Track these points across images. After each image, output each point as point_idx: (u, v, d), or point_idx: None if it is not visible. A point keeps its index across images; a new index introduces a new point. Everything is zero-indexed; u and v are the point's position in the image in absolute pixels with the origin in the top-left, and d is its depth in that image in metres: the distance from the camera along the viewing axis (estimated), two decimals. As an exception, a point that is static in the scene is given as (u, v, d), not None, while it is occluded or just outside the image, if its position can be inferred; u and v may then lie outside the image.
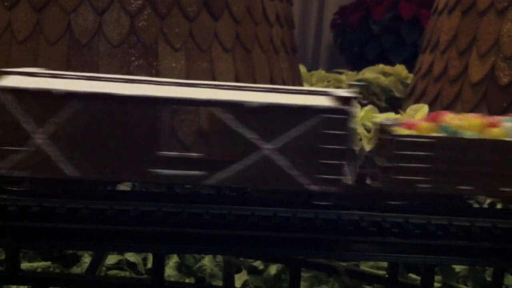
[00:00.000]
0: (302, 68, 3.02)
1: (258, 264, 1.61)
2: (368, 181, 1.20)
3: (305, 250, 1.18)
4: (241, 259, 1.61)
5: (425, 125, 1.18)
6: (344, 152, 1.13)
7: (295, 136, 1.12)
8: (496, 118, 1.22)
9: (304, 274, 1.55)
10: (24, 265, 1.52)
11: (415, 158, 1.15)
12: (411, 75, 2.97)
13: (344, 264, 1.52)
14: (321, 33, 5.11)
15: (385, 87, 3.05)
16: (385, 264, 1.55)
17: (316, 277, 1.57)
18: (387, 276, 1.43)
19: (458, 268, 1.56)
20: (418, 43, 3.24)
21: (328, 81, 3.15)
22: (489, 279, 1.53)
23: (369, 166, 1.21)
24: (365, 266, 1.59)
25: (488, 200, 1.56)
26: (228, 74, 2.06)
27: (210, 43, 2.03)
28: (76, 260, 1.60)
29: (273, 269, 1.57)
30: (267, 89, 1.16)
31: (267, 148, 1.12)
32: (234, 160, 1.12)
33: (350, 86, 3.04)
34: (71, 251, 1.61)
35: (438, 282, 1.53)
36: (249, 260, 1.61)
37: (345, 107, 1.12)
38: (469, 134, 1.17)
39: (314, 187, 1.13)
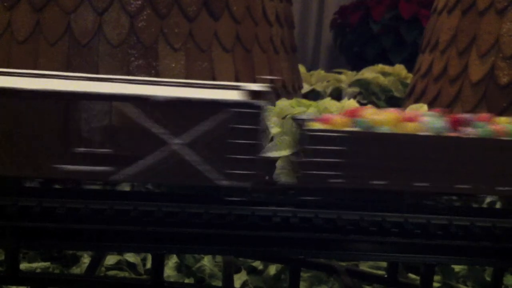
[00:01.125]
0: (302, 68, 3.02)
1: (258, 264, 1.61)
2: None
3: (305, 250, 1.18)
4: (241, 259, 1.61)
5: (340, 119, 1.17)
6: (256, 147, 1.12)
7: (205, 131, 1.10)
8: (415, 113, 1.21)
9: (304, 274, 1.55)
10: (24, 265, 1.52)
11: (327, 152, 1.13)
12: (410, 75, 2.97)
13: (343, 264, 1.52)
14: (321, 33, 5.11)
15: (384, 87, 3.05)
16: (384, 264, 1.55)
17: (316, 277, 1.57)
18: (386, 276, 1.43)
19: (457, 267, 1.56)
20: (418, 43, 3.24)
21: (327, 81, 3.15)
22: (488, 279, 1.52)
23: (283, 161, 1.20)
24: (364, 266, 1.59)
25: (488, 199, 1.56)
26: (228, 74, 2.06)
27: (210, 43, 2.03)
28: (76, 260, 1.60)
29: (272, 269, 1.57)
30: (180, 84, 1.15)
31: (176, 143, 1.10)
32: (142, 155, 1.10)
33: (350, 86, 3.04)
34: (70, 252, 1.60)
35: (438, 282, 1.53)
36: (249, 260, 1.61)
37: (255, 101, 1.10)
38: (383, 129, 1.15)
39: (224, 183, 1.12)
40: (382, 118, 1.17)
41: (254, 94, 1.11)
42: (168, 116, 1.10)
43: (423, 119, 1.19)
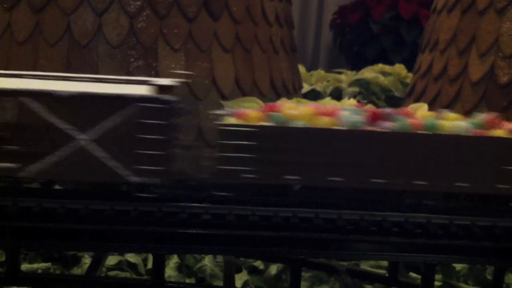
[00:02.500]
0: (301, 68, 3.02)
1: (259, 264, 1.61)
2: (194, 172, 1.15)
3: (306, 250, 1.18)
4: (242, 259, 1.61)
5: (254, 114, 1.15)
6: (166, 142, 1.09)
7: (112, 126, 1.08)
8: (334, 108, 1.19)
9: (305, 274, 1.55)
10: (25, 266, 1.52)
11: (239, 147, 1.11)
12: (410, 75, 2.97)
13: (344, 263, 1.52)
14: (321, 33, 5.11)
15: (384, 87, 3.05)
16: (385, 263, 1.55)
17: (317, 276, 1.57)
18: (387, 275, 1.43)
19: (458, 266, 1.56)
20: (418, 43, 3.24)
21: (327, 81, 3.14)
22: (489, 277, 1.52)
23: (197, 156, 1.17)
24: (365, 266, 1.59)
25: None
26: (227, 73, 2.05)
27: (209, 43, 2.03)
28: (77, 261, 1.60)
29: (273, 269, 1.57)
30: (90, 79, 1.12)
31: (83, 138, 1.08)
32: (48, 152, 1.08)
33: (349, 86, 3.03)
34: (71, 252, 1.60)
35: (439, 281, 1.53)
36: (250, 260, 1.61)
37: (162, 96, 1.08)
38: (298, 123, 1.13)
39: (134, 179, 1.10)
40: (297, 112, 1.14)
41: (162, 88, 1.09)
42: (74, 111, 1.08)
43: (341, 113, 1.16)
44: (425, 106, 1.50)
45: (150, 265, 1.57)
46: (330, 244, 1.18)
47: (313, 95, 2.89)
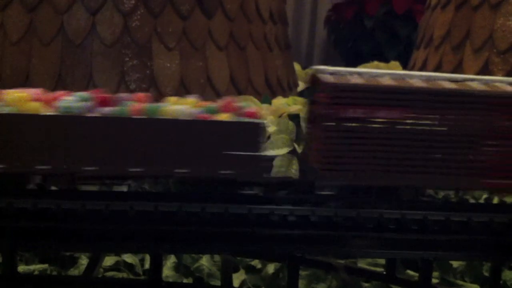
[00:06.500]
0: (297, 66, 3.01)
1: (256, 263, 1.61)
2: None
3: (302, 248, 1.18)
4: (239, 258, 1.60)
5: None
6: None
7: None
8: (63, 93, 1.14)
9: (302, 272, 1.55)
10: (21, 267, 1.52)
11: None
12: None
13: (342, 261, 1.52)
14: (315, 30, 5.11)
15: (379, 83, 3.04)
16: (383, 261, 1.55)
17: (314, 274, 1.57)
18: (384, 272, 1.43)
19: (455, 263, 1.57)
20: (412, 38, 3.24)
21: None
22: (486, 274, 1.53)
23: None
24: (362, 263, 1.59)
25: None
26: (222, 72, 2.05)
27: (204, 41, 2.02)
28: (73, 262, 1.60)
29: (271, 267, 1.57)
30: None
31: None
32: None
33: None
34: (68, 253, 1.60)
35: (436, 277, 1.53)
36: (247, 259, 1.61)
37: None
38: (5, 109, 1.07)
39: None
40: (7, 97, 1.09)
41: None
42: None
43: (62, 99, 1.11)
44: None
45: (147, 265, 1.57)
46: (327, 242, 1.17)
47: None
